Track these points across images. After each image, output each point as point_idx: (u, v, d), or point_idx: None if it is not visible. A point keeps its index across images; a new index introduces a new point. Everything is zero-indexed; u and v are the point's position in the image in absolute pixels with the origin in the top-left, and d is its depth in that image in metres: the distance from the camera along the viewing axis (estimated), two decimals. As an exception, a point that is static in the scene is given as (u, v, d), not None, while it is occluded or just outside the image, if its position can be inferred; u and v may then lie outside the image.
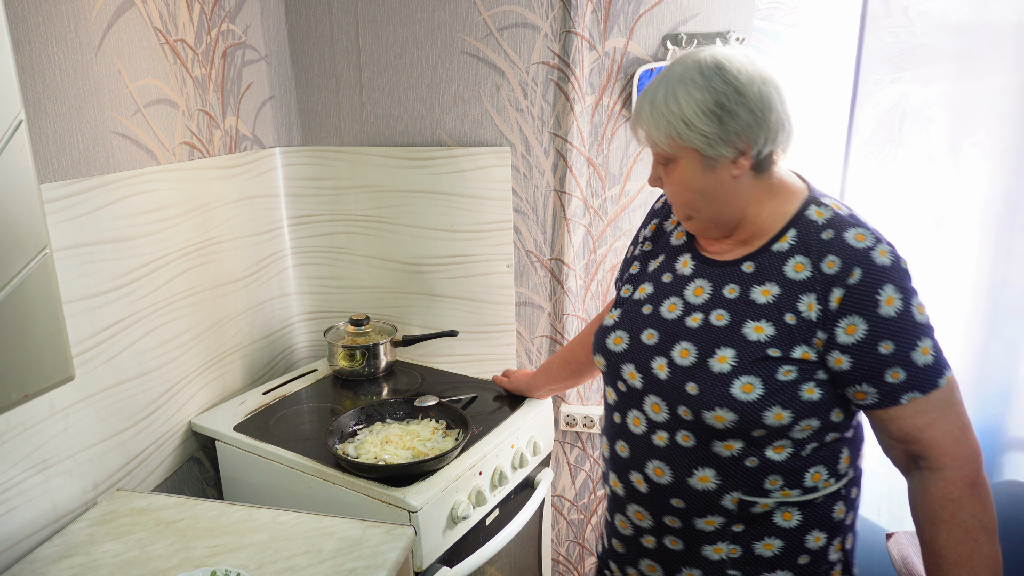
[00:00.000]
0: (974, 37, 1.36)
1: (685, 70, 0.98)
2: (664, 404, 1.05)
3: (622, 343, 1.12)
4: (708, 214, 1.04)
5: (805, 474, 1.03)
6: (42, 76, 1.18)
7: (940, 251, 1.48)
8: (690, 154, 0.99)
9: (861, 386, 0.97)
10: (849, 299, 0.95)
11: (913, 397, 0.95)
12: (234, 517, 1.26)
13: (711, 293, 1.05)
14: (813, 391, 0.98)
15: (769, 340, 0.98)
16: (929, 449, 0.96)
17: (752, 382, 0.97)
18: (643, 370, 1.08)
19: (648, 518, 1.12)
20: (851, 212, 1.02)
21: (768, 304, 0.99)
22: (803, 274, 0.98)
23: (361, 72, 1.91)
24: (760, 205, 1.03)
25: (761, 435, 0.99)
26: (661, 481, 1.07)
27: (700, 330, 1.03)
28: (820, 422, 1.00)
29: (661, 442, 1.07)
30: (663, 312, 1.09)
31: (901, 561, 1.40)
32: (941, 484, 0.95)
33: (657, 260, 1.17)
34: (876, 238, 0.97)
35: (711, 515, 1.06)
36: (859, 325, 0.94)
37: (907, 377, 0.94)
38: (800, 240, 1.00)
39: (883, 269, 0.94)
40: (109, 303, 1.34)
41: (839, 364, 0.97)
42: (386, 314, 2.05)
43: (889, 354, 0.94)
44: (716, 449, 1.02)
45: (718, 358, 1.00)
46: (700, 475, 1.04)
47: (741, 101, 0.95)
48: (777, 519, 1.04)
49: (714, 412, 0.99)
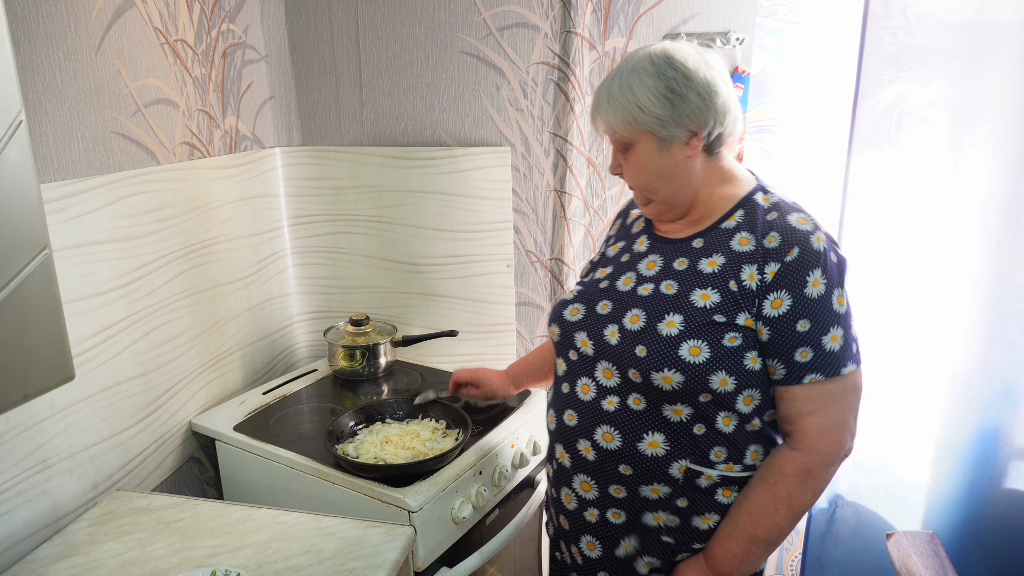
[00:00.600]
0: (973, 37, 1.36)
1: (637, 62, 1.07)
2: (615, 368, 1.11)
3: (578, 313, 1.18)
4: (665, 195, 1.11)
5: (746, 451, 1.10)
6: (42, 76, 1.19)
7: (941, 252, 1.47)
8: (646, 137, 1.07)
9: (774, 360, 1.05)
10: (782, 274, 1.03)
11: (815, 379, 1.03)
12: (234, 517, 1.26)
13: (662, 266, 1.13)
14: (756, 360, 1.06)
15: (715, 307, 1.05)
16: (796, 432, 1.06)
17: (699, 346, 1.04)
18: (595, 337, 1.14)
19: (594, 488, 1.16)
20: (794, 201, 1.12)
21: (714, 273, 1.07)
22: (747, 247, 1.07)
23: (361, 72, 1.91)
24: (712, 188, 1.12)
25: (707, 400, 1.06)
26: (610, 447, 1.12)
27: (650, 298, 1.10)
28: (761, 396, 1.08)
29: (611, 407, 1.12)
30: (618, 285, 1.16)
31: (901, 561, 1.40)
32: (783, 459, 1.07)
33: (617, 246, 1.26)
34: (815, 225, 1.06)
35: (657, 483, 1.11)
36: (785, 300, 1.03)
37: (813, 358, 1.03)
38: (746, 219, 1.09)
39: (817, 253, 1.03)
40: (109, 303, 1.34)
41: (761, 335, 1.05)
42: (386, 314, 2.05)
43: (804, 332, 1.02)
44: (666, 413, 1.08)
45: (667, 323, 1.06)
46: (650, 440, 1.09)
47: (690, 85, 1.04)
48: (719, 496, 1.10)
49: (662, 373, 1.05)
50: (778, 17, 1.57)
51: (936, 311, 1.49)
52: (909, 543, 1.43)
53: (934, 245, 1.48)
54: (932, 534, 1.43)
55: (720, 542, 1.10)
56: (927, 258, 1.49)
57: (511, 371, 1.59)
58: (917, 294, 1.50)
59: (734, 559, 1.09)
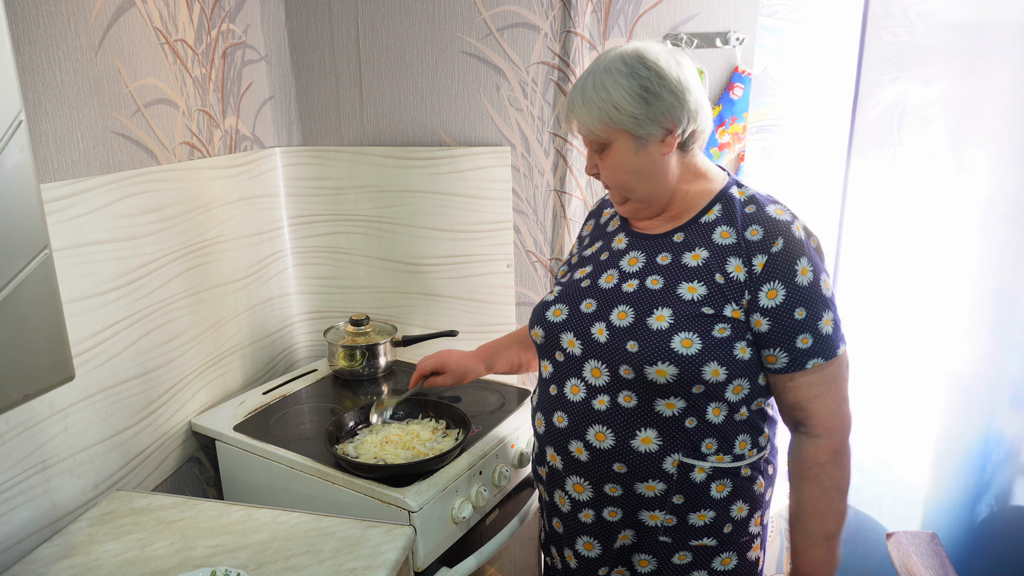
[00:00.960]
0: (975, 37, 1.36)
1: (609, 62, 1.08)
2: (604, 366, 1.11)
3: (561, 314, 1.18)
4: (642, 193, 1.12)
5: (735, 440, 1.12)
6: (42, 76, 1.18)
7: (942, 253, 1.47)
8: (623, 136, 1.08)
9: (775, 350, 1.07)
10: (771, 265, 1.05)
11: (817, 362, 1.06)
12: (234, 517, 1.26)
13: (645, 262, 1.14)
14: (745, 350, 1.07)
15: (702, 299, 1.07)
16: (811, 418, 1.09)
17: (691, 338, 1.05)
18: (582, 336, 1.14)
19: (588, 489, 1.16)
20: (769, 194, 1.14)
21: (699, 266, 1.09)
22: (729, 240, 1.09)
23: (361, 72, 1.91)
24: (688, 183, 1.13)
25: (699, 392, 1.07)
26: (603, 446, 1.12)
27: (636, 294, 1.11)
28: (750, 385, 1.10)
29: (602, 406, 1.12)
30: (601, 283, 1.16)
31: (901, 561, 1.40)
32: (812, 449, 1.09)
33: (594, 246, 1.25)
34: (793, 215, 1.10)
35: (652, 479, 1.11)
36: (779, 290, 1.05)
37: (814, 343, 1.06)
38: (725, 213, 1.11)
39: (800, 242, 1.06)
40: (109, 303, 1.34)
41: (759, 326, 1.06)
42: (386, 314, 2.05)
43: (802, 320, 1.05)
44: (659, 408, 1.09)
45: (656, 316, 1.07)
46: (643, 436, 1.10)
47: (663, 84, 1.05)
48: (712, 491, 1.12)
49: (656, 367, 1.05)
50: (779, 17, 1.57)
51: (937, 313, 1.49)
52: (909, 543, 1.42)
53: (935, 246, 1.48)
54: (932, 534, 1.43)
55: (803, 554, 1.12)
56: (928, 259, 1.48)
57: (482, 352, 1.50)
58: (918, 296, 1.50)
59: (823, 563, 1.11)
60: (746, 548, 1.17)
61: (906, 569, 1.37)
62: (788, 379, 1.08)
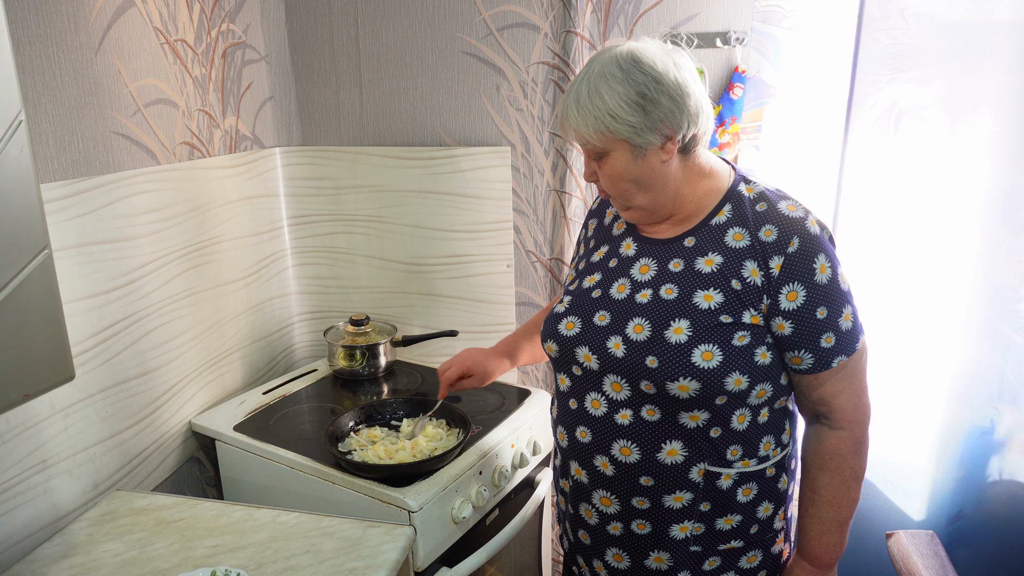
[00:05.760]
0: (971, 38, 1.36)
1: (603, 66, 1.03)
2: (624, 382, 1.08)
3: (575, 327, 1.14)
4: (644, 201, 1.08)
5: (759, 443, 1.10)
6: (42, 76, 1.19)
7: (938, 252, 1.47)
8: (620, 145, 1.04)
9: (799, 352, 1.04)
10: (789, 266, 1.02)
11: (842, 359, 1.04)
12: (234, 517, 1.26)
13: (657, 270, 1.10)
14: (766, 355, 1.05)
15: (720, 307, 1.03)
16: (834, 412, 1.08)
17: (711, 350, 1.02)
18: (598, 351, 1.10)
19: (615, 503, 1.14)
20: (777, 188, 1.11)
21: (713, 272, 1.05)
22: (743, 243, 1.05)
23: (361, 72, 1.91)
24: (694, 184, 1.09)
25: (723, 402, 1.05)
26: (629, 460, 1.10)
27: (651, 305, 1.07)
28: (772, 387, 1.07)
29: (625, 420, 1.09)
30: (612, 294, 1.12)
31: (901, 561, 1.40)
32: (835, 441, 1.08)
33: (601, 251, 1.20)
34: (806, 210, 1.06)
35: (680, 491, 1.09)
36: (799, 291, 1.02)
37: (837, 341, 1.03)
38: (735, 213, 1.07)
39: (816, 238, 1.03)
40: (109, 303, 1.34)
41: (782, 329, 1.04)
42: (386, 314, 2.05)
43: (824, 319, 1.03)
44: (683, 421, 1.06)
45: (674, 329, 1.04)
46: (668, 448, 1.08)
47: (661, 89, 1.00)
48: (739, 496, 1.10)
49: (678, 382, 1.02)
50: (776, 17, 1.57)
51: (933, 311, 1.49)
52: (909, 543, 1.42)
53: (931, 245, 1.48)
54: (932, 534, 1.43)
55: (816, 540, 1.12)
56: (924, 258, 1.48)
57: (502, 347, 1.46)
58: (914, 294, 1.50)
59: (834, 547, 1.12)
60: (771, 544, 1.16)
61: (906, 569, 1.37)
62: (813, 379, 1.06)
